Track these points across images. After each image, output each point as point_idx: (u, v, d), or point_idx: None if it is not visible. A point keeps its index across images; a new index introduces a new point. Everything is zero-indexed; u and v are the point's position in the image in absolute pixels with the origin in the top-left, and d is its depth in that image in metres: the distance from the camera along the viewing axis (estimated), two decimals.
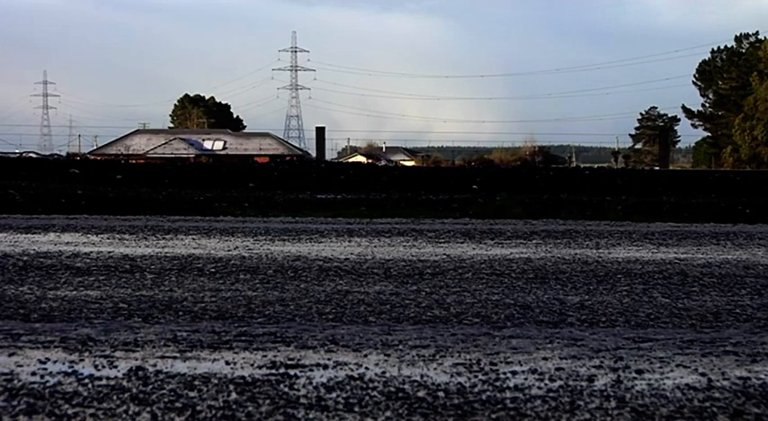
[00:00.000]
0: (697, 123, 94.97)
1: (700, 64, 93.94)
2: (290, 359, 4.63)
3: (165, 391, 4.01)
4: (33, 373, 4.30)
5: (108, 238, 10.69)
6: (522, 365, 4.52)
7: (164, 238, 10.75)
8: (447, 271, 7.99)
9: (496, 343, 5.05)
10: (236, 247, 9.74)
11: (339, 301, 6.37)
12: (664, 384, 4.19)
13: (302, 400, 3.89)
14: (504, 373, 4.36)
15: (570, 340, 5.14)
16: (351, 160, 68.55)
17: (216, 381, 4.18)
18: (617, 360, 4.65)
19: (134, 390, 4.02)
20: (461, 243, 10.47)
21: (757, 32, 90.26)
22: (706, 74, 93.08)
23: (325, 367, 4.47)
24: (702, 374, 4.37)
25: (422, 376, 4.30)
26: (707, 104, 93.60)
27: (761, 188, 19.64)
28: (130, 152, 67.31)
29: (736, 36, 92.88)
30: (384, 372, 4.37)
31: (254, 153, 66.46)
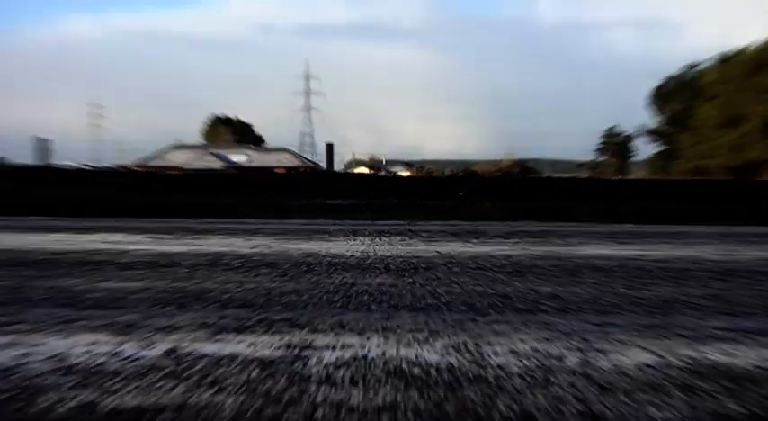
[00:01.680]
0: (652, 140, 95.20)
1: (654, 89, 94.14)
2: (303, 341, 4.62)
3: (196, 369, 3.99)
4: (84, 353, 4.29)
5: (148, 238, 10.69)
6: (502, 347, 4.51)
7: (196, 238, 10.74)
8: (438, 265, 7.98)
9: (480, 327, 5.04)
10: (258, 246, 9.73)
11: (345, 292, 6.36)
12: (624, 362, 4.18)
13: (314, 377, 3.88)
14: (487, 354, 4.34)
15: (544, 325, 5.12)
16: (355, 171, 68.57)
17: (240, 361, 4.16)
18: (584, 342, 4.64)
19: (170, 368, 4.00)
20: (450, 242, 10.46)
21: (701, 63, 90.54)
22: (659, 97, 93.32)
23: (334, 348, 4.45)
24: (658, 354, 4.36)
25: (416, 356, 4.29)
26: (660, 124, 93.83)
27: (705, 194, 19.63)
28: (168, 164, 67.33)
29: (684, 66, 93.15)
30: (384, 353, 4.35)
31: (274, 165, 66.46)
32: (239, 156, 72.35)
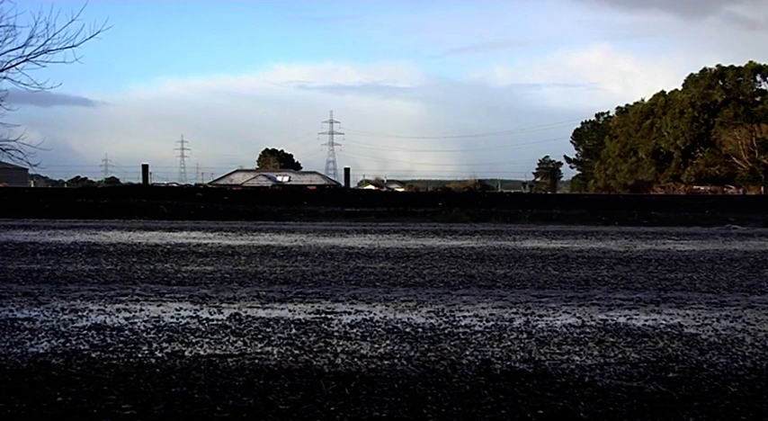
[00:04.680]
0: (573, 166, 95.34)
1: (574, 130, 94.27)
2: (327, 308, 4.59)
3: (251, 328, 3.97)
4: (172, 317, 4.27)
5: (218, 235, 10.66)
6: (468, 312, 4.48)
7: (251, 235, 10.72)
8: (423, 254, 7.95)
9: (453, 298, 5.01)
10: (296, 240, 9.71)
11: (358, 273, 6.34)
12: (555, 323, 4.15)
13: (335, 334, 3.85)
14: (458, 317, 4.32)
15: (498, 297, 5.10)
16: (365, 188, 68.42)
17: (283, 322, 4.14)
18: (527, 309, 4.61)
19: (233, 327, 3.98)
20: (432, 238, 10.43)
21: (609, 111, 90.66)
22: (578, 136, 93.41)
23: (349, 313, 4.43)
24: (579, 317, 4.33)
25: (408, 319, 4.26)
26: (578, 155, 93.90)
27: (610, 204, 19.52)
28: (233, 183, 67.13)
29: (596, 114, 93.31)
30: (385, 316, 4.33)
31: (307, 183, 66.23)
32: (283, 177, 72.23)
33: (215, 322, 4.10)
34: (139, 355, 3.35)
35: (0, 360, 3.25)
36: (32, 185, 57.13)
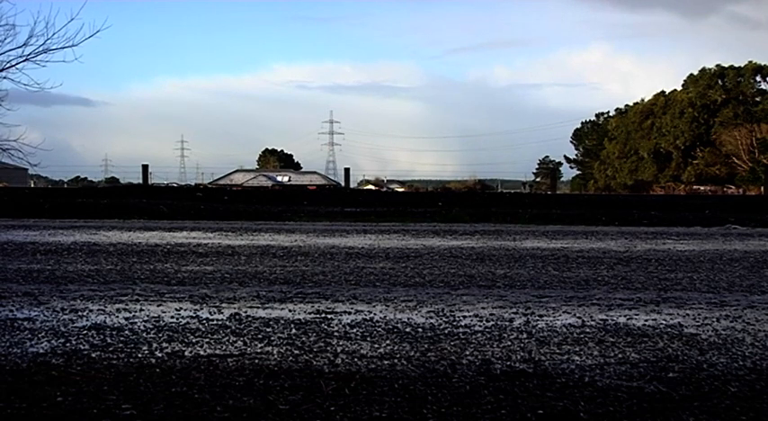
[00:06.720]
0: (573, 166, 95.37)
1: (574, 130, 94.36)
2: (327, 308, 4.59)
3: (251, 328, 3.97)
4: (172, 317, 4.27)
5: (218, 235, 10.66)
6: (468, 312, 4.48)
7: (251, 235, 10.71)
8: (423, 254, 7.95)
9: (453, 298, 5.01)
10: (296, 240, 9.70)
11: (358, 273, 6.34)
12: (555, 323, 4.15)
13: (335, 333, 3.85)
14: (458, 317, 4.32)
15: (498, 297, 5.09)
16: (365, 188, 68.30)
17: (283, 322, 4.14)
18: (527, 309, 4.61)
19: (233, 327, 3.98)
20: (432, 238, 10.42)
21: (609, 111, 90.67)
22: (578, 136, 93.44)
23: (349, 313, 4.43)
24: (579, 317, 4.33)
25: (408, 319, 4.26)
26: (578, 155, 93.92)
27: (610, 204, 19.50)
28: (233, 183, 67.03)
29: (596, 114, 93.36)
30: (385, 316, 4.33)
31: (307, 183, 66.14)
32: (283, 177, 72.20)
33: (215, 322, 4.10)
34: (139, 355, 3.35)
35: (0, 360, 3.25)
36: (32, 185, 57.12)
